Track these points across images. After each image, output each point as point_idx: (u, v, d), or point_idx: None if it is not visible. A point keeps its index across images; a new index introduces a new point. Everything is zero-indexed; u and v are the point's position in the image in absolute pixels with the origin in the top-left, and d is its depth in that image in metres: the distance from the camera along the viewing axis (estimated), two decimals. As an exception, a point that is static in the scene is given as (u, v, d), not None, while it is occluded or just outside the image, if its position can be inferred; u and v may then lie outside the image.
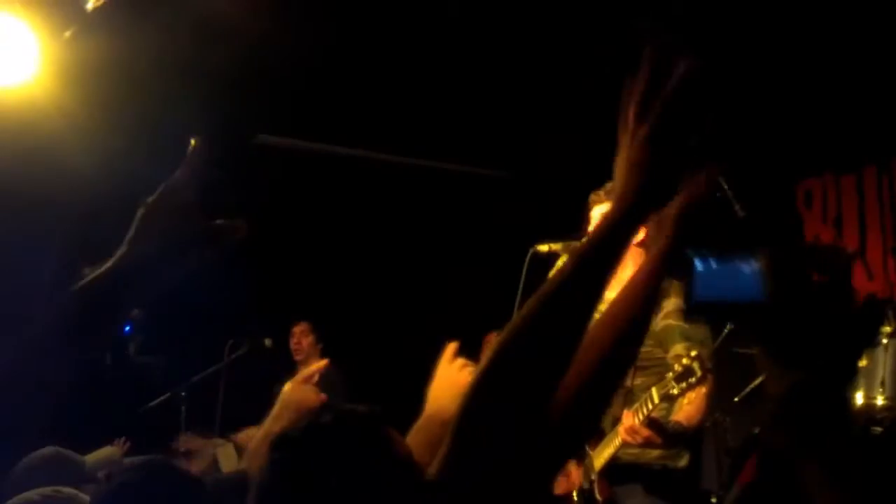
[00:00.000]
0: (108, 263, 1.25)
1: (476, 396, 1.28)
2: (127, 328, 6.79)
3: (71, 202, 5.31)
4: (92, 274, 1.23)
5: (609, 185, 3.88)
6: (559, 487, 3.91)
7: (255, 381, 6.00)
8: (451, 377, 2.06)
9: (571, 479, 3.91)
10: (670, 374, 3.42)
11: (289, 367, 6.13)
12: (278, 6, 4.49)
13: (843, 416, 1.40)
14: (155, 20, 4.24)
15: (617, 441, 3.62)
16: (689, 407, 3.58)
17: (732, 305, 1.43)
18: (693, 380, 3.36)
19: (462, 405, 1.29)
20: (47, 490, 2.06)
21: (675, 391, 3.39)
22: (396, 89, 5.56)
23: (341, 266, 6.87)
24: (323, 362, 2.45)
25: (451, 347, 2.14)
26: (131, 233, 1.28)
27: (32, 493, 2.02)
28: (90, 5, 3.59)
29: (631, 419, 3.49)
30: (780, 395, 1.38)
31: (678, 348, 3.59)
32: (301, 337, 6.14)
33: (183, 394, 5.86)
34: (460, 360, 2.11)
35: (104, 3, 3.55)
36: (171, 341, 6.95)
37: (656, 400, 3.43)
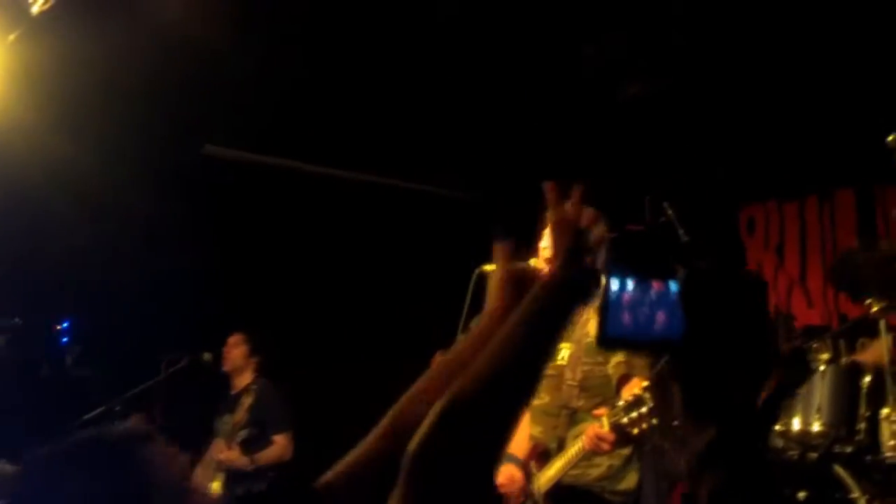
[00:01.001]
0: None
1: (424, 453, 1.30)
2: (64, 339, 6.66)
3: (13, 206, 5.22)
4: None
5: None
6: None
7: (194, 396, 5.92)
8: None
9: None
10: (621, 402, 3.42)
11: (228, 383, 6.05)
12: (230, 16, 4.46)
13: (760, 469, 1.46)
14: (102, 26, 4.19)
15: (565, 459, 3.62)
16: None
17: (646, 342, 1.41)
18: (644, 410, 3.35)
19: (411, 459, 1.31)
20: None
21: (625, 421, 3.38)
22: (351, 104, 5.54)
23: (289, 282, 6.82)
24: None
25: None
26: None
27: None
28: (35, 9, 3.53)
29: (596, 429, 3.47)
30: (699, 451, 1.44)
31: (618, 356, 3.61)
32: (232, 347, 6.03)
33: (118, 408, 5.74)
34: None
35: (49, 6, 3.50)
36: (110, 354, 6.83)
37: (606, 427, 3.42)
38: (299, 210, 6.43)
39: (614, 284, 1.38)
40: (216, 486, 5.49)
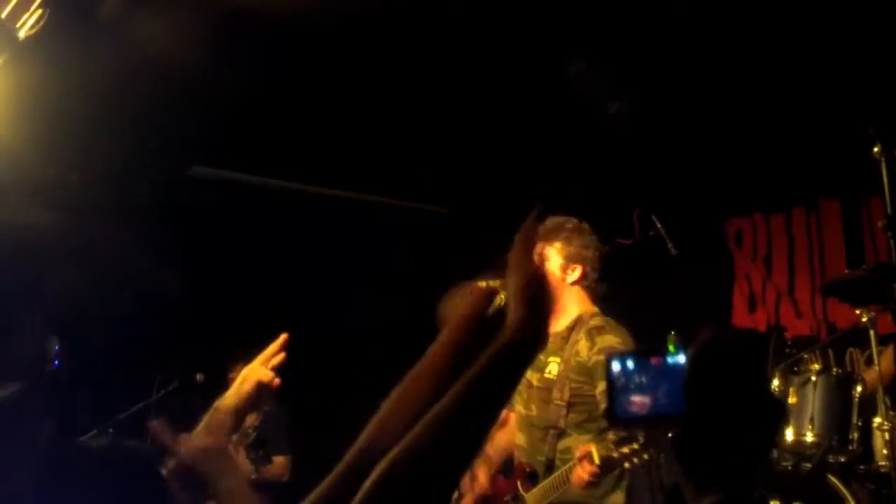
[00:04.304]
0: None
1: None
2: (56, 362, 6.62)
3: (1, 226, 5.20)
4: None
5: (549, 223, 3.90)
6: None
7: (186, 417, 5.88)
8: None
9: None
10: (611, 435, 3.40)
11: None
12: (213, 39, 4.47)
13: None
14: (89, 50, 4.19)
15: (552, 485, 3.59)
16: None
17: (653, 419, 1.46)
18: (636, 446, 3.32)
19: None
20: None
21: (616, 455, 3.35)
22: (330, 123, 5.55)
23: (277, 299, 6.80)
24: (283, 336, 2.40)
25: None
26: None
27: None
28: (22, 34, 3.54)
29: (586, 468, 3.42)
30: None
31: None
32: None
33: (110, 430, 5.71)
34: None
35: (37, 31, 3.50)
36: (101, 375, 6.79)
37: (596, 461, 3.37)
38: (289, 228, 6.42)
39: (616, 366, 1.46)
40: None
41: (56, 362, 6.44)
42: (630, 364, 1.45)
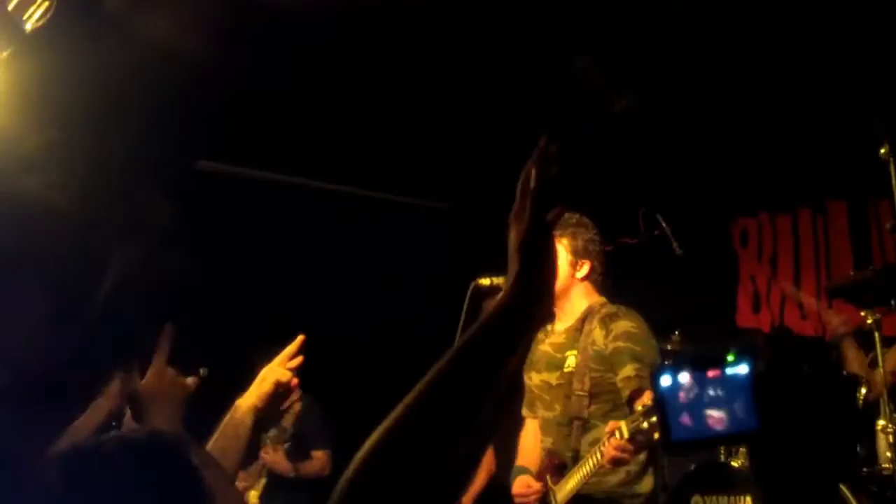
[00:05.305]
0: None
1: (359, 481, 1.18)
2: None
3: (7, 226, 5.20)
4: None
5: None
6: None
7: (189, 412, 5.89)
8: None
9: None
10: (639, 407, 3.35)
11: (225, 397, 6.03)
12: (221, 34, 4.47)
13: None
14: (97, 43, 4.19)
15: (583, 472, 3.57)
16: None
17: (717, 439, 1.24)
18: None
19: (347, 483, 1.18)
20: None
21: (646, 426, 3.29)
22: (339, 119, 5.55)
23: (282, 294, 6.80)
24: (300, 337, 2.43)
25: None
26: None
27: None
28: (29, 27, 3.53)
29: (616, 442, 3.37)
30: None
31: (627, 370, 3.57)
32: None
33: (113, 423, 5.72)
34: None
35: (43, 24, 3.50)
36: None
37: (626, 435, 3.29)
38: (298, 224, 6.42)
39: (665, 381, 1.26)
40: (254, 495, 5.51)
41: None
42: (683, 378, 1.24)
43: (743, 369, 1.23)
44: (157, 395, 2.13)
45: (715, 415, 1.22)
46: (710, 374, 1.23)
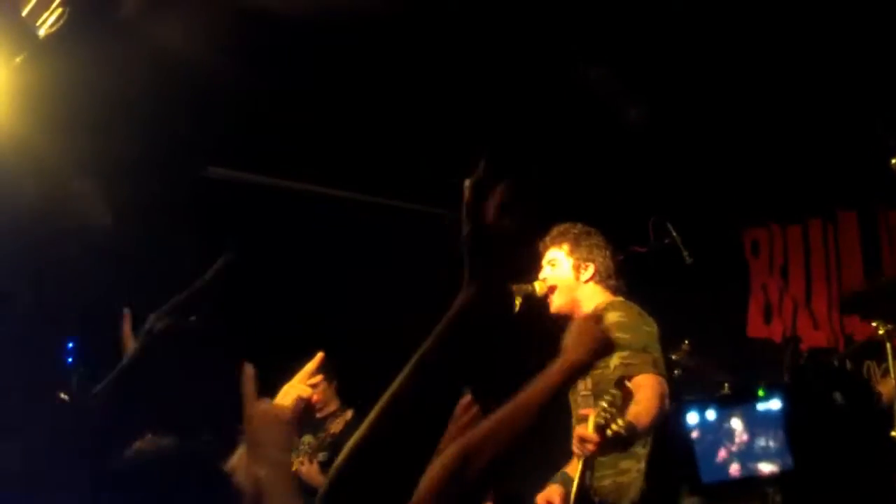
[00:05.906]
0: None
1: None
2: (70, 360, 6.65)
3: (18, 228, 5.23)
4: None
5: (554, 230, 3.90)
6: None
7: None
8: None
9: None
10: (603, 402, 3.29)
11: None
12: (233, 39, 4.49)
13: None
14: (108, 49, 4.21)
15: (578, 472, 3.52)
16: (636, 407, 3.44)
17: (752, 479, 1.22)
18: (614, 410, 3.23)
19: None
20: None
21: (602, 421, 3.25)
22: (340, 121, 5.55)
23: (284, 299, 6.80)
24: (320, 355, 2.45)
25: None
26: None
27: None
28: (42, 32, 3.56)
29: (580, 431, 3.36)
30: None
31: (614, 359, 3.51)
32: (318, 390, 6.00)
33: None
34: None
35: (56, 30, 3.52)
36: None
37: (591, 429, 3.26)
38: (301, 232, 6.43)
39: (692, 418, 1.22)
40: None
41: (70, 360, 6.46)
42: (711, 415, 1.21)
43: (775, 405, 1.17)
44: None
45: (748, 455, 1.17)
46: (740, 411, 1.17)
